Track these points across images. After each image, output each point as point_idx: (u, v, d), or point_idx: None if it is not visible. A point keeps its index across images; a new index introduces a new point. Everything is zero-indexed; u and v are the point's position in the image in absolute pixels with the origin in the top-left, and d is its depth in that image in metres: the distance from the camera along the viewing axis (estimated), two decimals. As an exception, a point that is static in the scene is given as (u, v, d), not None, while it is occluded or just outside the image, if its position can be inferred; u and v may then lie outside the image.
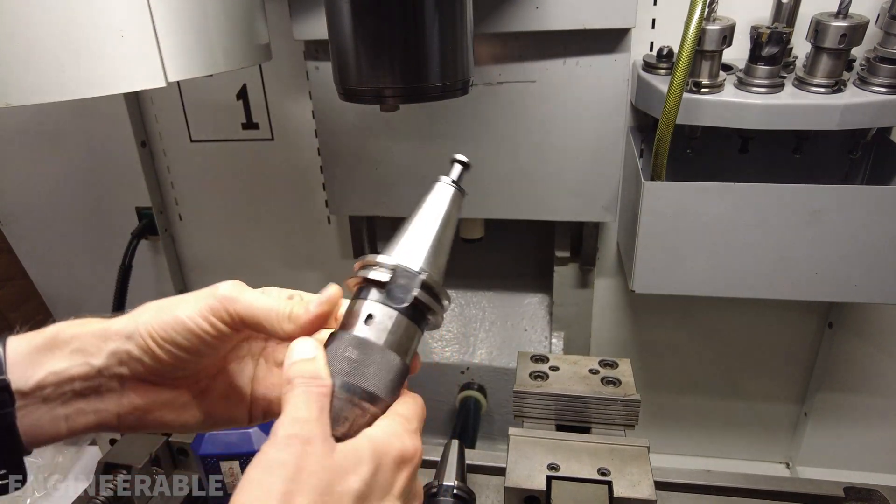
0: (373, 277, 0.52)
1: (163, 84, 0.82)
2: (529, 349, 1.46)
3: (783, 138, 1.13)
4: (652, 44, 1.23)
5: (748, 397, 1.61)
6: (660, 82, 1.10)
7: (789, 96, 1.04)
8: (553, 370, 1.05)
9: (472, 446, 1.33)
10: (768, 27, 1.02)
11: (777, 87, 1.04)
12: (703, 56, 1.03)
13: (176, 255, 1.69)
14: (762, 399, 1.61)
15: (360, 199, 1.33)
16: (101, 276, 1.63)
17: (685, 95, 1.00)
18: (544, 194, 1.25)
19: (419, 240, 0.54)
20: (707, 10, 0.96)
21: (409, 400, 0.52)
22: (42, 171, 1.61)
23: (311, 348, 0.48)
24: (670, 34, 1.20)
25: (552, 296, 1.49)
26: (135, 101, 1.50)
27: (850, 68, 1.09)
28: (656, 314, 1.55)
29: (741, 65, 1.08)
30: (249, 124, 1.47)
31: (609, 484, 0.85)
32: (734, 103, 1.04)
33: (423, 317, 0.53)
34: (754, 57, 1.03)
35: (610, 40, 1.10)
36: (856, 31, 0.98)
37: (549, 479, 0.87)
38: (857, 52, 1.07)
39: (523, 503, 0.87)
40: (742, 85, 1.06)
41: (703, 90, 1.05)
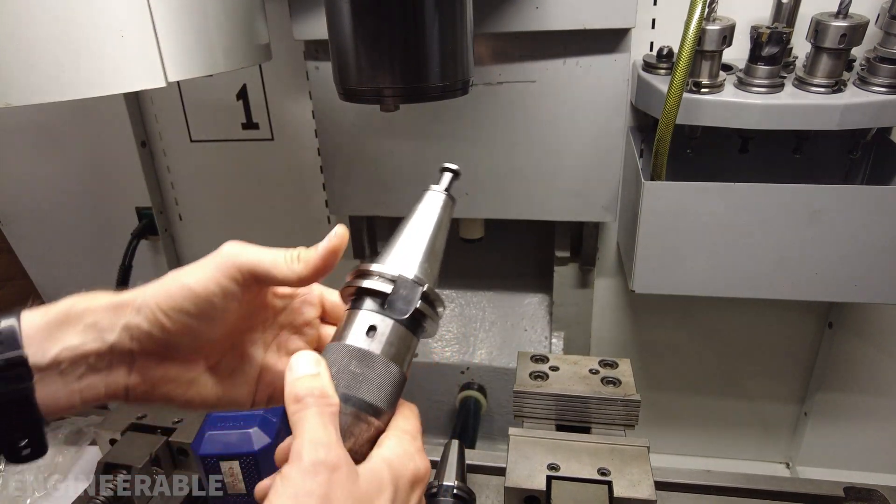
0: (374, 288, 0.51)
1: (163, 84, 0.82)
2: (529, 349, 1.46)
3: (783, 138, 1.13)
4: (652, 44, 1.23)
5: (748, 397, 1.61)
6: (660, 82, 1.10)
7: (789, 96, 1.04)
8: (553, 370, 1.05)
9: (472, 446, 1.33)
10: (768, 27, 1.02)
11: (777, 87, 1.04)
12: (703, 56, 1.03)
13: (176, 255, 1.69)
14: (762, 399, 1.61)
15: (360, 199, 1.33)
16: (101, 277, 1.63)
17: (685, 95, 1.00)
18: (544, 194, 1.25)
19: (414, 249, 0.54)
20: (707, 10, 0.96)
21: (409, 413, 0.52)
22: (42, 171, 1.61)
23: (313, 362, 0.48)
24: (670, 34, 1.20)
25: (552, 296, 1.49)
26: (135, 101, 1.50)
27: (850, 68, 1.09)
28: (656, 314, 1.55)
29: (741, 65, 1.08)
30: (249, 124, 1.47)
31: (609, 484, 0.85)
32: (734, 103, 1.04)
33: (421, 326, 0.53)
34: (754, 57, 1.03)
35: (610, 40, 1.10)
36: (856, 31, 0.98)
37: (549, 479, 0.87)
38: (857, 52, 1.07)
39: (523, 503, 0.87)
40: (742, 85, 1.06)
41: (703, 90, 1.05)
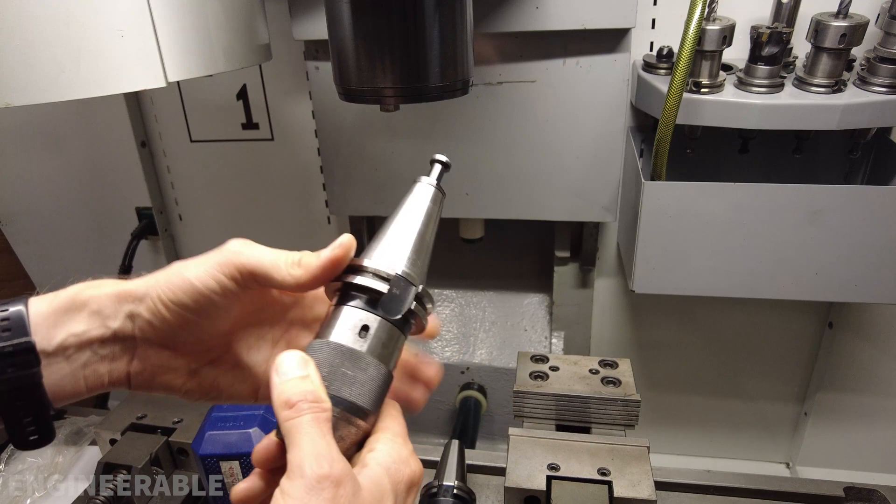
0: (368, 286, 0.50)
1: (163, 84, 0.82)
2: (529, 349, 1.46)
3: (783, 138, 1.13)
4: (652, 44, 1.23)
5: (748, 397, 1.61)
6: (660, 82, 1.10)
7: (789, 96, 1.04)
8: (553, 370, 1.05)
9: (472, 446, 1.33)
10: (768, 27, 1.02)
11: (777, 87, 1.04)
12: (703, 56, 1.03)
13: (176, 256, 1.69)
14: (762, 399, 1.61)
15: (360, 199, 1.33)
16: (101, 276, 1.63)
17: (685, 95, 1.00)
18: (544, 194, 1.25)
19: (405, 244, 0.53)
20: (707, 10, 0.96)
21: (395, 413, 0.52)
22: (42, 171, 1.61)
23: (301, 363, 0.47)
24: (670, 34, 1.20)
25: (552, 296, 1.49)
26: (135, 101, 1.50)
27: (850, 68, 1.09)
28: (656, 314, 1.55)
29: (741, 65, 1.08)
30: (249, 124, 1.47)
31: (609, 484, 0.85)
32: (734, 103, 1.04)
33: (410, 325, 0.53)
34: (754, 57, 1.03)
35: (610, 40, 1.10)
36: (856, 31, 0.98)
37: (549, 479, 0.87)
38: (857, 52, 1.07)
39: (523, 503, 0.87)
40: (742, 85, 1.06)
41: (703, 90, 1.05)
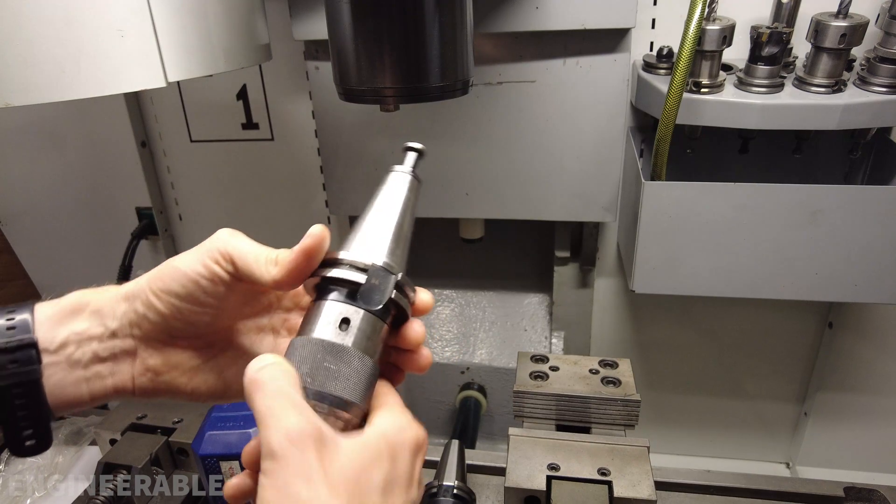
0: (346, 278, 0.49)
1: (163, 84, 0.82)
2: (529, 349, 1.46)
3: (783, 138, 1.13)
4: (652, 44, 1.23)
5: (748, 397, 1.61)
6: (660, 82, 1.10)
7: (789, 96, 1.04)
8: (553, 370, 1.05)
9: (472, 446, 1.33)
10: (768, 27, 1.02)
11: (777, 87, 1.04)
12: (703, 56, 1.03)
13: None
14: (762, 399, 1.61)
15: (360, 199, 1.33)
16: (101, 277, 1.61)
17: (685, 95, 1.00)
18: (544, 194, 1.25)
19: (382, 234, 0.52)
20: (707, 10, 0.96)
21: (388, 389, 0.52)
22: (42, 171, 1.61)
23: (270, 356, 0.47)
24: (670, 34, 1.20)
25: (552, 296, 1.49)
26: (135, 101, 1.50)
27: (850, 68, 1.09)
28: (656, 314, 1.55)
29: (741, 65, 1.08)
30: (249, 124, 1.47)
31: (609, 484, 0.85)
32: (734, 103, 1.04)
33: (391, 315, 0.52)
34: (754, 57, 1.03)
35: (610, 40, 1.10)
36: (856, 31, 0.98)
37: (549, 479, 0.87)
38: (857, 52, 1.07)
39: (523, 503, 0.87)
40: (742, 85, 1.06)
41: (703, 90, 1.05)
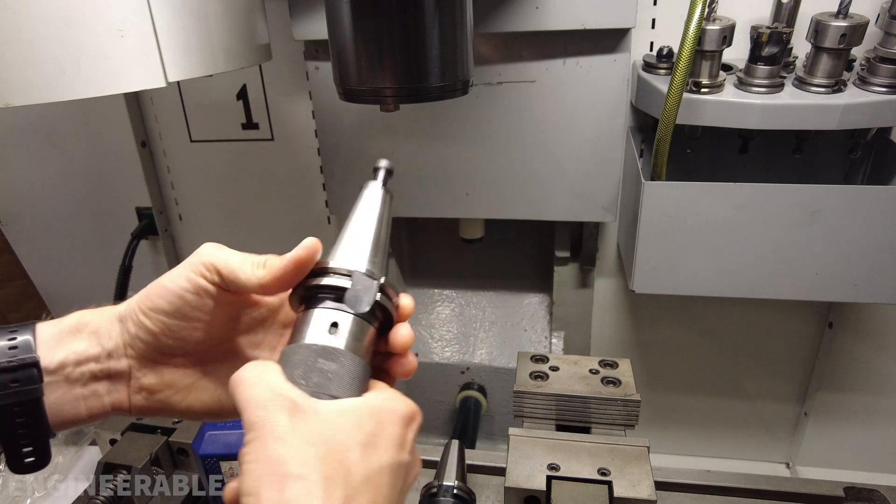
0: (333, 284, 0.52)
1: (163, 84, 0.82)
2: (529, 349, 1.46)
3: (783, 138, 1.13)
4: (652, 44, 1.23)
5: (748, 397, 1.61)
6: (660, 82, 1.10)
7: (789, 96, 1.04)
8: (553, 370, 1.05)
9: (472, 446, 1.33)
10: (768, 27, 1.02)
11: (777, 87, 1.04)
12: (703, 56, 1.03)
13: (176, 255, 1.69)
14: (762, 399, 1.61)
15: (360, 199, 1.33)
16: (101, 277, 1.63)
17: (685, 95, 1.00)
18: (544, 194, 1.25)
19: (362, 243, 0.55)
20: (707, 10, 0.96)
21: (382, 384, 0.53)
22: (42, 171, 1.61)
23: (257, 362, 0.49)
24: (670, 34, 1.20)
25: (552, 296, 1.48)
26: (135, 101, 1.50)
27: (850, 68, 1.09)
28: (656, 314, 1.55)
29: (741, 65, 1.08)
30: (249, 124, 1.47)
31: (609, 484, 0.85)
32: (734, 103, 1.04)
33: (377, 318, 0.54)
34: (754, 57, 1.03)
35: (610, 40, 1.10)
36: (856, 31, 0.98)
37: (549, 479, 0.87)
38: (857, 52, 1.07)
39: (523, 503, 0.87)
40: (742, 85, 1.06)
41: (703, 90, 1.05)
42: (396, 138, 1.24)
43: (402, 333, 0.54)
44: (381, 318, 0.54)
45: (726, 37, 1.02)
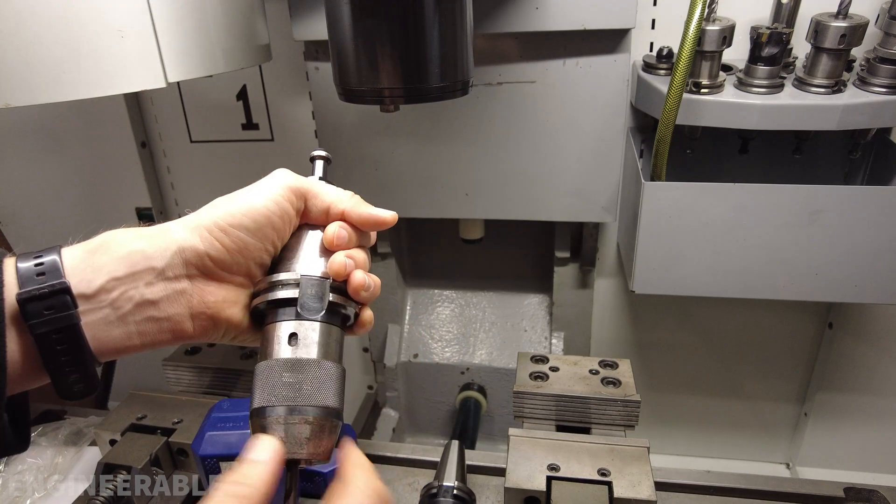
0: (282, 297, 0.52)
1: (163, 84, 0.82)
2: (529, 349, 1.46)
3: (783, 139, 1.13)
4: (652, 44, 1.23)
5: (748, 397, 1.61)
6: (660, 83, 1.10)
7: (789, 97, 1.04)
8: (553, 370, 1.05)
9: (472, 447, 1.33)
10: (768, 27, 1.02)
11: (777, 87, 1.04)
12: (703, 56, 1.03)
13: (176, 256, 1.69)
14: (762, 399, 1.61)
15: (359, 199, 1.33)
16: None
17: (685, 96, 1.00)
18: (544, 194, 1.25)
19: (307, 247, 0.56)
20: (707, 10, 0.96)
21: (353, 449, 0.52)
22: (42, 171, 1.61)
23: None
24: (670, 34, 1.20)
25: (552, 296, 1.49)
26: (135, 102, 1.50)
27: (850, 69, 1.09)
28: (656, 314, 1.55)
29: (741, 65, 1.08)
30: (249, 125, 1.47)
31: (609, 484, 0.85)
32: (734, 104, 1.04)
33: (339, 315, 0.54)
34: (754, 57, 1.03)
35: (610, 41, 1.10)
36: (856, 32, 0.98)
37: (549, 479, 0.86)
38: (857, 52, 1.07)
39: (523, 503, 0.87)
40: (742, 85, 1.06)
41: (702, 90, 1.05)
42: (396, 139, 1.24)
43: (366, 320, 0.58)
44: (342, 312, 0.54)
45: (726, 37, 1.02)
